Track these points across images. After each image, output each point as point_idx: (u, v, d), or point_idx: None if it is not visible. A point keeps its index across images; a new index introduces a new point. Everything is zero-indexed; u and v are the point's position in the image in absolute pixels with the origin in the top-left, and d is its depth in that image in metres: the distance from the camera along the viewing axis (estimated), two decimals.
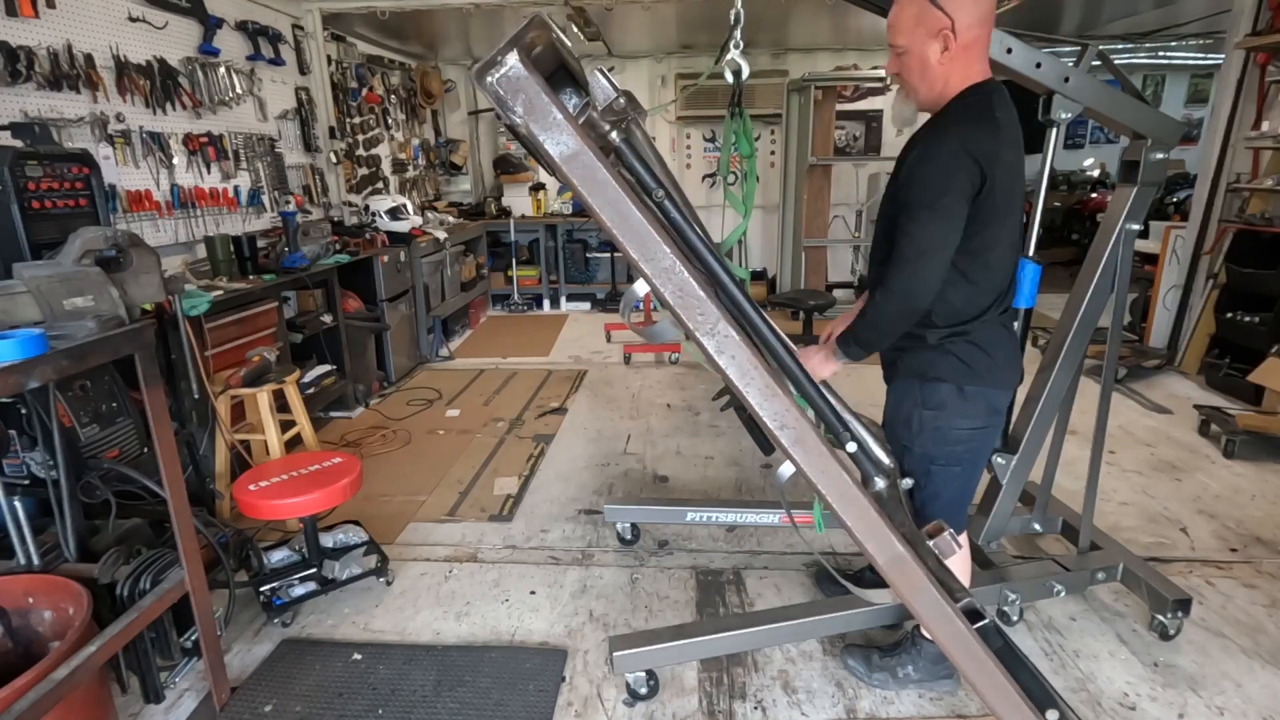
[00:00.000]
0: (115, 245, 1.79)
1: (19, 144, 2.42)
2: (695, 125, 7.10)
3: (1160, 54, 7.58)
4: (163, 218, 3.38)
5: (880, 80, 6.24)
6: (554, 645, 2.17)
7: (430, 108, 6.81)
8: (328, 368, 3.85)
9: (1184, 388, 4.41)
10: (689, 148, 7.20)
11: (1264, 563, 2.54)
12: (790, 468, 1.34)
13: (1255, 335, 4.10)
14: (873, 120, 6.89)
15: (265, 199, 4.13)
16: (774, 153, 7.04)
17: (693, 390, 4.56)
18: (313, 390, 3.66)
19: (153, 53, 3.35)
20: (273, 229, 4.10)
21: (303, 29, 4.65)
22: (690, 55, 6.81)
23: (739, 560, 2.61)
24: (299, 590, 2.32)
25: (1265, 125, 4.21)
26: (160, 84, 3.37)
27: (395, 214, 4.98)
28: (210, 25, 3.68)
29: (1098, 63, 1.97)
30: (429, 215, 5.91)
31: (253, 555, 2.37)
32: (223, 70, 3.79)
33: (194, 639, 1.91)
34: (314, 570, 2.37)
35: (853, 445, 1.51)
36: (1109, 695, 1.93)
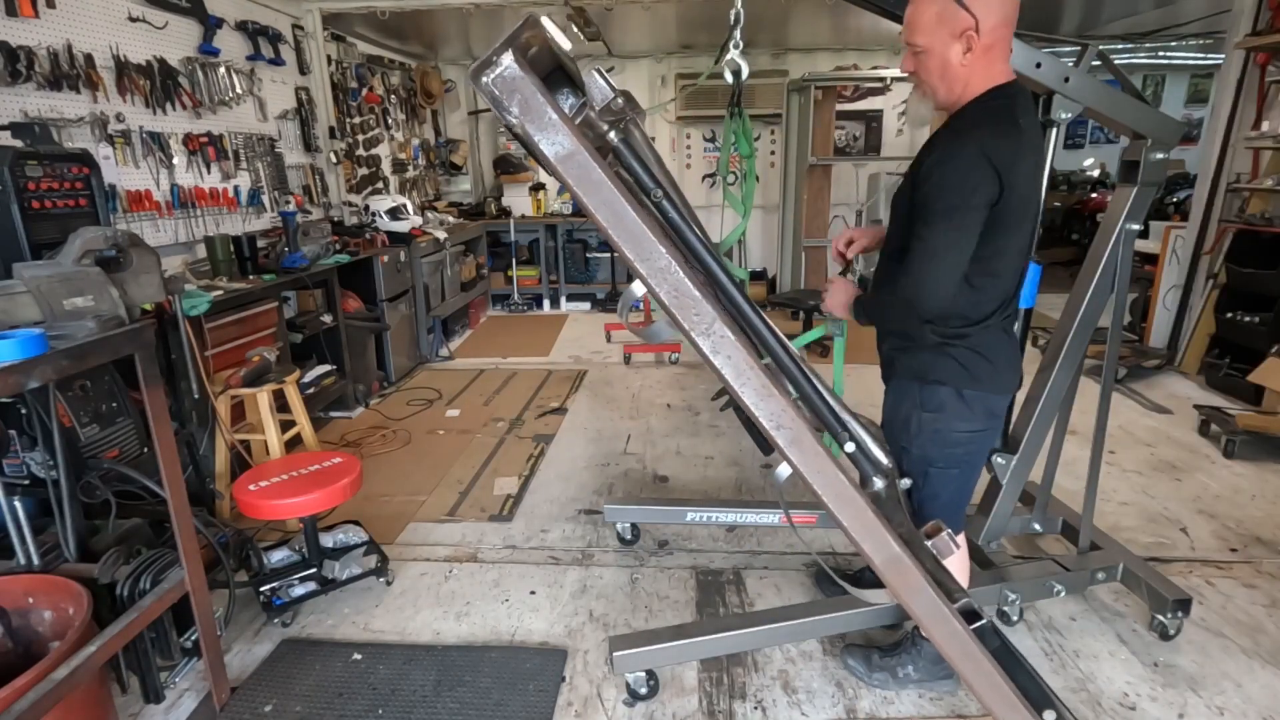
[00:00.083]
0: (115, 245, 1.79)
1: (19, 144, 2.42)
2: (695, 125, 7.09)
3: (1160, 54, 7.57)
4: (163, 218, 3.38)
5: (880, 80, 6.24)
6: (554, 645, 2.17)
7: (430, 108, 6.81)
8: (328, 368, 3.86)
9: (1184, 388, 4.41)
10: (689, 148, 7.20)
11: (1264, 563, 2.54)
12: (788, 468, 1.34)
13: (1255, 335, 4.10)
14: (873, 120, 6.89)
15: (265, 199, 4.14)
16: (774, 153, 7.03)
17: (693, 390, 4.56)
18: (313, 390, 3.66)
19: (153, 53, 3.35)
20: (273, 229, 4.10)
21: (303, 29, 4.65)
22: (690, 55, 6.80)
23: (739, 560, 2.61)
24: (299, 590, 2.32)
25: (1265, 125, 4.20)
26: (160, 84, 3.37)
27: (395, 214, 4.98)
28: (210, 25, 3.68)
29: (1098, 63, 1.97)
30: (429, 215, 5.91)
31: (253, 555, 2.37)
32: (223, 70, 3.79)
33: (194, 639, 1.91)
34: (314, 570, 2.37)
35: (851, 445, 1.51)
36: (1109, 695, 1.93)
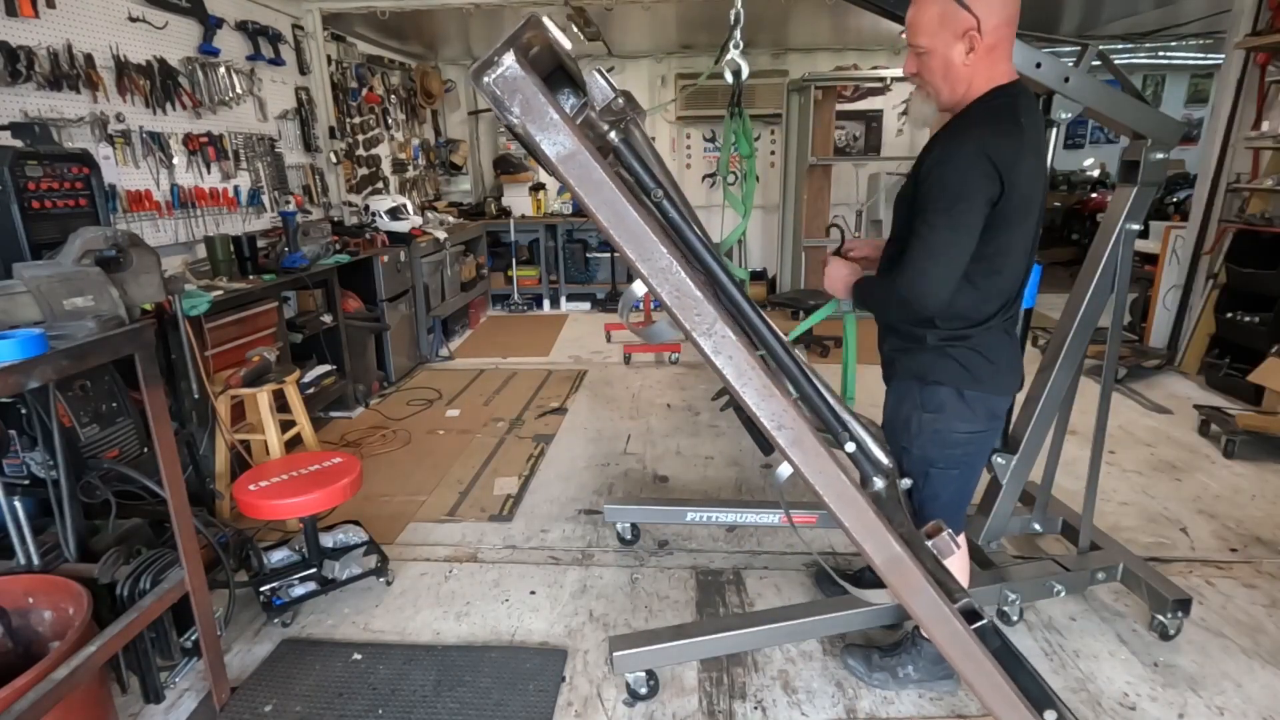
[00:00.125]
0: (115, 245, 1.79)
1: (19, 144, 2.42)
2: (695, 125, 7.10)
3: (1160, 54, 7.57)
4: (163, 218, 3.38)
5: (880, 80, 6.24)
6: (554, 645, 2.17)
7: (430, 108, 6.81)
8: (328, 368, 3.86)
9: (1184, 388, 4.41)
10: (689, 148, 7.20)
11: (1264, 563, 2.54)
12: (788, 468, 1.34)
13: (1255, 335, 4.10)
14: (873, 120, 6.89)
15: (265, 199, 4.14)
16: (774, 153, 7.04)
17: (693, 390, 4.56)
18: (313, 390, 3.66)
19: (153, 53, 3.35)
20: (273, 229, 4.10)
21: (303, 29, 4.65)
22: (690, 55, 6.81)
23: (739, 560, 2.61)
24: (299, 590, 2.32)
25: (1265, 125, 4.20)
26: (160, 84, 3.37)
27: (395, 214, 4.98)
28: (210, 25, 3.68)
29: (1098, 63, 1.97)
30: (429, 215, 5.91)
31: (253, 555, 2.37)
32: (223, 70, 3.79)
33: (194, 639, 1.91)
34: (314, 570, 2.37)
35: (851, 445, 1.51)
36: (1109, 695, 1.93)
